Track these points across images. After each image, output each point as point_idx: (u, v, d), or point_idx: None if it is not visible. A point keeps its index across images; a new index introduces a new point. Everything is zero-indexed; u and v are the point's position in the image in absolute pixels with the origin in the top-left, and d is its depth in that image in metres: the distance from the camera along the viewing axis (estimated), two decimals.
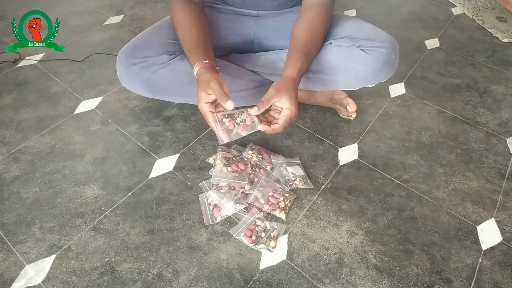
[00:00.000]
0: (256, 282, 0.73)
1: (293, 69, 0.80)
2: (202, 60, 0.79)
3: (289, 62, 0.81)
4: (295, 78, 0.79)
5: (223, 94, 0.73)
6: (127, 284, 0.72)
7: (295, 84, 0.79)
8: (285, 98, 0.75)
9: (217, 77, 0.77)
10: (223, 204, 0.83)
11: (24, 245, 0.78)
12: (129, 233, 0.80)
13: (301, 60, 0.81)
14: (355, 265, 0.76)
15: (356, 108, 0.99)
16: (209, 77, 0.76)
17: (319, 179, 0.92)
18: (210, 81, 0.75)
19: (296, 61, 0.81)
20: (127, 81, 0.90)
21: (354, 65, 0.88)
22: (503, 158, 0.98)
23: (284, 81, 0.78)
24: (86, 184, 0.90)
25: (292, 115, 0.77)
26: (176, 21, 0.88)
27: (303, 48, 0.82)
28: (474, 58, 1.33)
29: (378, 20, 1.47)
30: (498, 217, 0.86)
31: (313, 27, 0.85)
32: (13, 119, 1.06)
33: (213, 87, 0.74)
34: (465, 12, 1.59)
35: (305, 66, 0.83)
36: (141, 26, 1.45)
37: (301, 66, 0.81)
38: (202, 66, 0.79)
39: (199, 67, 0.79)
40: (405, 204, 0.87)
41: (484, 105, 1.14)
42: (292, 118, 0.77)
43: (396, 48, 0.89)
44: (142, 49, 0.88)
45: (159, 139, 1.01)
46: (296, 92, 0.78)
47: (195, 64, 0.80)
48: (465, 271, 0.76)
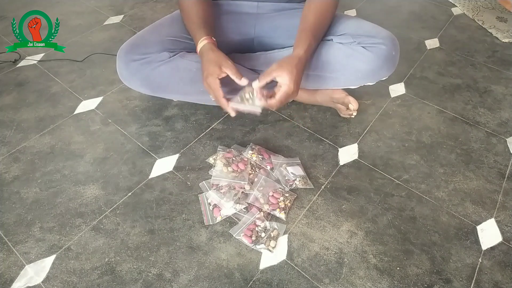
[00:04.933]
0: (256, 282, 0.73)
1: (300, 48, 0.81)
2: (211, 36, 0.83)
3: (297, 42, 0.82)
4: (301, 56, 0.79)
5: (238, 72, 0.77)
6: (127, 284, 0.72)
7: (300, 62, 0.79)
8: (285, 73, 0.75)
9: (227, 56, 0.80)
10: (223, 204, 0.83)
11: (24, 245, 0.78)
12: (129, 233, 0.80)
13: (308, 40, 0.82)
14: (355, 265, 0.76)
15: (358, 106, 0.99)
16: (222, 56, 0.79)
17: (319, 179, 0.92)
18: (225, 58, 0.78)
19: (303, 41, 0.82)
20: (127, 78, 0.90)
21: (355, 62, 0.88)
22: (503, 158, 0.98)
23: (289, 58, 0.79)
24: (86, 184, 0.90)
25: (290, 92, 0.77)
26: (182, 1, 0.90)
27: (311, 29, 0.83)
28: (474, 58, 1.33)
29: (378, 20, 1.46)
30: (498, 217, 0.86)
31: (321, 9, 0.86)
32: (13, 119, 1.06)
33: (230, 65, 0.78)
34: (465, 12, 1.59)
35: (312, 46, 0.84)
36: (141, 26, 1.45)
37: (308, 46, 0.81)
38: (211, 41, 0.82)
39: (207, 40, 0.82)
40: (405, 204, 0.87)
41: (484, 105, 1.14)
42: (289, 95, 0.77)
43: (396, 45, 0.89)
44: (142, 45, 0.88)
45: (159, 139, 1.01)
46: (299, 71, 0.78)
47: (202, 37, 0.82)
48: (465, 271, 0.76)
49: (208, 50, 0.81)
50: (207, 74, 0.79)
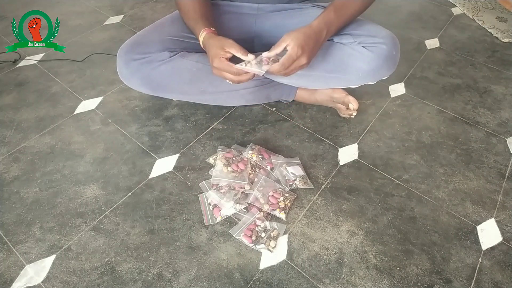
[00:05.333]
0: (256, 282, 0.73)
1: (317, 20, 0.79)
2: (209, 27, 0.83)
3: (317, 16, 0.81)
4: (314, 25, 0.78)
5: (242, 49, 0.76)
6: (127, 284, 0.72)
7: (311, 30, 0.77)
8: (291, 38, 0.75)
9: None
10: (223, 204, 0.83)
11: (24, 245, 0.78)
12: (129, 233, 0.80)
13: (328, 13, 0.81)
14: (355, 265, 0.76)
15: (358, 105, 0.99)
16: (223, 38, 0.79)
17: (319, 179, 0.92)
18: (226, 40, 0.78)
19: (323, 14, 0.81)
20: (127, 77, 0.90)
21: (355, 62, 0.88)
22: (503, 158, 0.98)
23: (301, 27, 0.78)
24: (86, 184, 0.90)
25: (294, 56, 0.75)
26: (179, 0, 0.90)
27: (334, 5, 0.82)
28: (474, 58, 1.33)
29: (378, 20, 1.46)
30: (498, 217, 0.86)
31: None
32: (13, 119, 1.06)
33: (232, 43, 0.77)
34: (465, 12, 1.59)
35: (332, 20, 0.81)
36: (141, 26, 1.45)
37: (325, 17, 0.80)
38: (211, 31, 0.82)
39: (206, 31, 0.82)
40: (405, 204, 0.87)
41: (484, 105, 1.14)
42: (293, 59, 0.75)
43: (396, 44, 0.89)
44: (142, 45, 0.88)
45: (159, 139, 1.01)
46: (309, 37, 0.76)
47: (202, 29, 0.82)
48: (465, 271, 0.76)
49: (208, 39, 0.80)
50: (212, 58, 0.78)
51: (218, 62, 0.77)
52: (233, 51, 0.77)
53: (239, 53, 0.76)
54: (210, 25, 0.84)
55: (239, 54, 0.76)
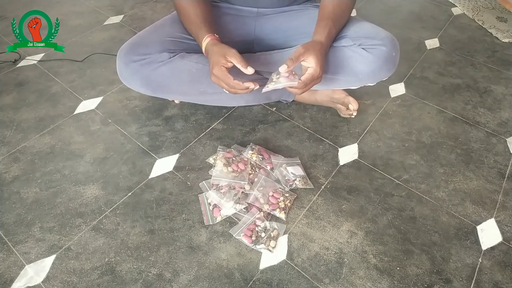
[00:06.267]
0: (256, 282, 0.73)
1: (321, 34, 0.82)
2: (213, 33, 0.83)
3: (317, 29, 0.84)
4: (323, 42, 0.81)
5: (244, 61, 0.77)
6: (127, 284, 0.72)
7: (323, 48, 0.80)
8: (312, 57, 0.76)
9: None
10: (223, 204, 0.83)
11: (24, 245, 0.78)
12: (129, 233, 0.80)
13: (328, 26, 0.83)
14: (355, 265, 0.76)
15: (358, 106, 0.99)
16: (226, 47, 0.79)
17: (319, 179, 0.92)
18: (229, 49, 0.78)
19: (323, 27, 0.83)
20: (127, 78, 0.90)
21: (355, 64, 0.88)
22: (503, 158, 0.98)
23: (313, 43, 0.79)
24: (86, 184, 0.90)
25: (316, 75, 0.77)
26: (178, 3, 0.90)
27: (330, 16, 0.84)
28: (474, 58, 1.33)
29: (378, 20, 1.47)
30: (498, 217, 0.86)
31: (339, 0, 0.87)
32: (13, 119, 1.06)
33: (235, 53, 0.78)
34: (465, 12, 1.59)
35: (332, 32, 0.85)
36: (141, 26, 1.45)
37: (328, 32, 0.82)
38: (214, 38, 0.83)
39: (210, 38, 0.82)
40: (405, 204, 0.87)
41: (484, 105, 1.14)
42: (315, 78, 0.78)
43: (396, 46, 0.89)
44: (142, 46, 0.88)
45: (159, 139, 1.01)
46: (323, 56, 0.79)
47: (205, 36, 0.83)
48: (465, 271, 0.76)
49: (212, 45, 0.81)
50: (212, 65, 0.79)
51: (218, 70, 0.78)
52: (234, 61, 0.77)
53: (239, 65, 0.77)
54: (214, 31, 0.85)
55: (239, 65, 0.77)
